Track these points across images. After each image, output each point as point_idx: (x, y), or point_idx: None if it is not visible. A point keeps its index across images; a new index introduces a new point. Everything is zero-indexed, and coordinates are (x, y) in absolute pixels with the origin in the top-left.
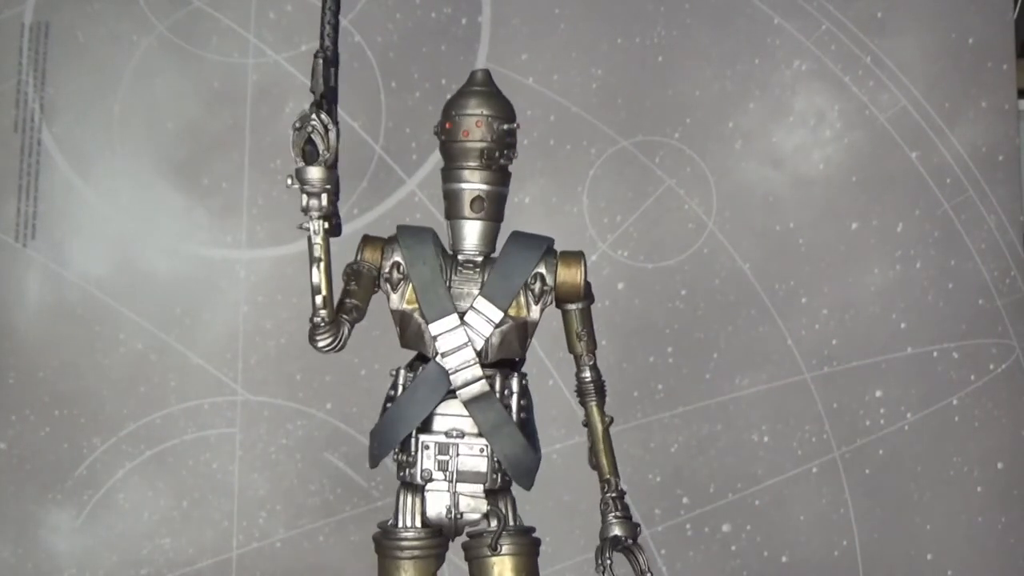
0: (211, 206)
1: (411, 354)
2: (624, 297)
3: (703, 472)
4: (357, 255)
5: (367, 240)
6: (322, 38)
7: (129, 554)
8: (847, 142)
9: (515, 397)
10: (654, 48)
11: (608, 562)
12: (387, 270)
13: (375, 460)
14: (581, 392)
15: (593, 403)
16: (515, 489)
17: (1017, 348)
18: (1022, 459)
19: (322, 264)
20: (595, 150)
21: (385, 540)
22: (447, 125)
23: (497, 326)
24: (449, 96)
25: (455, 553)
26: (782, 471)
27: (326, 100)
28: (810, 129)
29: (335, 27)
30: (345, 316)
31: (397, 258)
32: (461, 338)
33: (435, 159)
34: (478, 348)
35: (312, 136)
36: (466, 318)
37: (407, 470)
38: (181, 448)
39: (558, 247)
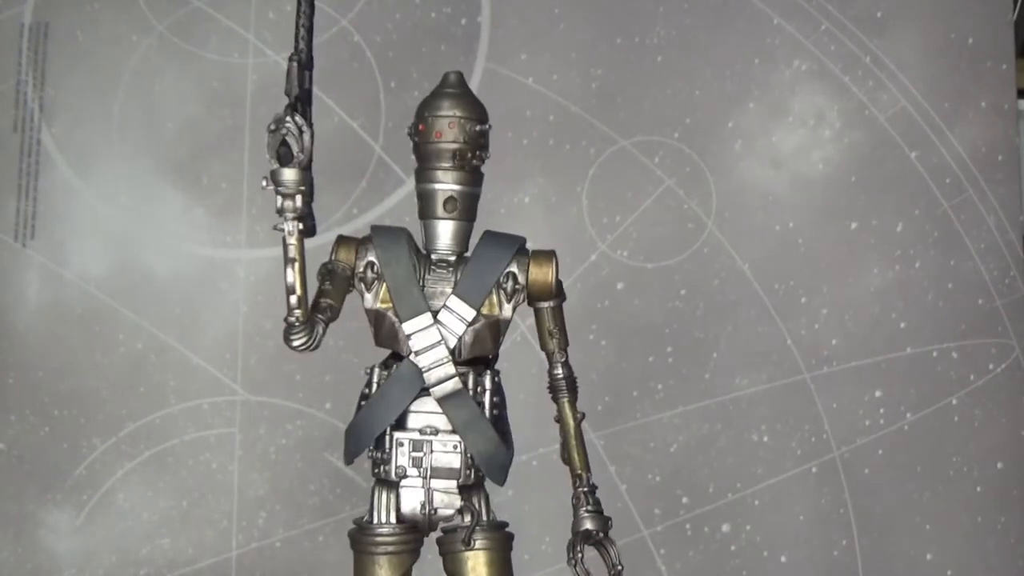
0: (211, 206)
1: (386, 353)
2: (624, 297)
3: (703, 472)
4: (331, 255)
5: (341, 240)
6: (296, 41)
7: (129, 554)
8: (847, 142)
9: (488, 394)
10: (654, 48)
11: (579, 555)
12: (361, 270)
13: (350, 457)
14: (553, 388)
15: (565, 399)
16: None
17: (1017, 348)
18: (1022, 459)
19: (296, 264)
20: (594, 150)
21: (360, 536)
22: (420, 127)
23: (470, 324)
24: (422, 98)
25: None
26: (782, 471)
27: (300, 102)
28: (810, 129)
29: (309, 30)
30: (320, 316)
31: (371, 258)
32: (434, 336)
33: None
34: (451, 346)
35: (287, 138)
36: (439, 317)
37: (382, 467)
38: (181, 448)
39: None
